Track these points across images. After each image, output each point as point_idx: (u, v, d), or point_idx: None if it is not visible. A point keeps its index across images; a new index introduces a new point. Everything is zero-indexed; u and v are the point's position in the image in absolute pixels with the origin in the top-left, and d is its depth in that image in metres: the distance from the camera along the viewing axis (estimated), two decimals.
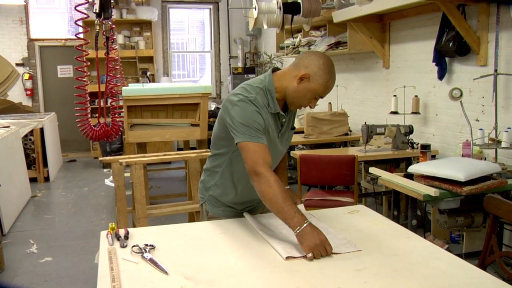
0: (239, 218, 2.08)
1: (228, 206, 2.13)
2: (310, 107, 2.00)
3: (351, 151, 4.43)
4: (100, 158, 4.49)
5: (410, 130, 4.30)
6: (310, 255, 1.63)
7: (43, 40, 8.91)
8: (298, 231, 1.68)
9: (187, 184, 4.49)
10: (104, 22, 4.39)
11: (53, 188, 6.60)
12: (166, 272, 1.54)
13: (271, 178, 1.76)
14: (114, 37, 5.47)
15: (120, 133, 5.18)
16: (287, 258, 1.64)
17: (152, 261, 1.62)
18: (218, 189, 2.11)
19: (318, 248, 1.64)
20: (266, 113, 1.92)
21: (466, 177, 2.81)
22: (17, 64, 8.64)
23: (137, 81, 8.78)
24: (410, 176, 3.17)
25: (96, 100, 5.91)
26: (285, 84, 1.96)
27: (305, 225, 1.68)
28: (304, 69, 1.91)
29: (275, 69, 2.04)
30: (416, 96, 4.59)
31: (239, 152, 1.88)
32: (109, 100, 5.03)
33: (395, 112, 4.72)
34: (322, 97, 1.98)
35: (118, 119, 5.10)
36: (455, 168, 2.89)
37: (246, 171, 1.84)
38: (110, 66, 4.93)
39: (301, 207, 2.15)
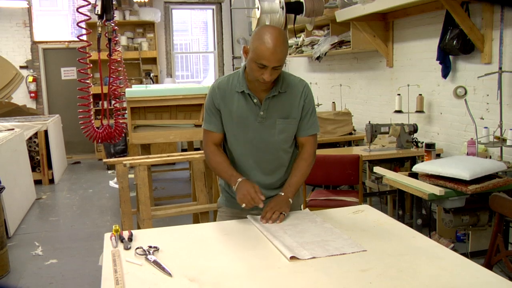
0: (243, 219, 2.08)
1: (229, 194, 2.24)
2: (265, 80, 1.94)
3: (355, 150, 4.41)
4: (104, 160, 4.50)
5: (415, 129, 4.28)
6: (243, 205, 1.99)
7: (46, 42, 8.94)
8: (234, 188, 2.04)
9: (191, 185, 4.49)
10: (106, 23, 4.40)
11: (58, 190, 6.62)
12: (170, 274, 1.54)
13: (210, 152, 2.15)
14: (117, 38, 5.48)
15: (123, 134, 5.19)
16: (291, 258, 1.63)
17: (156, 263, 1.62)
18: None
19: (246, 197, 1.97)
20: (226, 93, 2.06)
21: (471, 175, 2.79)
22: (21, 67, 8.67)
23: (141, 82, 8.79)
24: (415, 175, 3.16)
25: (100, 102, 5.92)
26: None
27: (238, 181, 2.03)
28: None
29: None
30: (420, 94, 4.57)
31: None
32: (113, 102, 5.04)
33: (399, 111, 4.70)
34: (265, 65, 1.91)
35: (121, 121, 5.11)
36: (460, 166, 2.87)
37: (238, 154, 2.13)
38: (113, 67, 4.94)
39: (306, 210, 2.17)
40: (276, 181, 2.18)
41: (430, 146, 3.66)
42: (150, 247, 1.73)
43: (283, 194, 2.08)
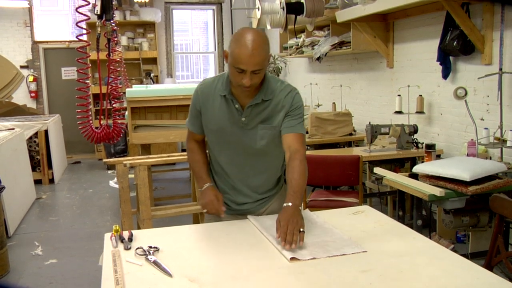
0: (244, 220, 2.07)
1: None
2: (244, 85, 1.86)
3: (356, 151, 4.41)
4: (105, 160, 4.49)
5: (415, 130, 4.28)
6: (205, 211, 2.03)
7: (47, 42, 8.94)
8: (200, 190, 2.08)
9: (191, 185, 4.49)
10: (105, 24, 4.39)
11: (58, 190, 6.62)
12: (170, 275, 1.54)
13: (189, 148, 2.18)
14: (117, 38, 5.48)
15: (122, 135, 5.18)
16: (292, 259, 1.63)
17: (156, 263, 1.61)
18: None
19: (209, 205, 2.00)
20: (209, 96, 2.03)
21: (471, 176, 2.79)
22: (22, 67, 8.67)
23: (141, 82, 8.79)
24: (415, 176, 3.16)
25: (99, 102, 5.92)
26: None
27: (205, 186, 2.06)
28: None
29: None
30: (421, 95, 4.57)
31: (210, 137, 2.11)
32: (111, 102, 5.04)
33: (399, 112, 4.70)
34: (243, 69, 1.83)
35: (119, 121, 5.10)
36: (460, 167, 2.87)
37: (220, 158, 2.11)
38: (112, 67, 4.94)
39: (306, 211, 2.16)
40: (263, 183, 2.14)
41: (430, 147, 3.65)
42: (150, 247, 1.73)
43: (290, 204, 1.83)
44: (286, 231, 1.71)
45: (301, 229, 1.73)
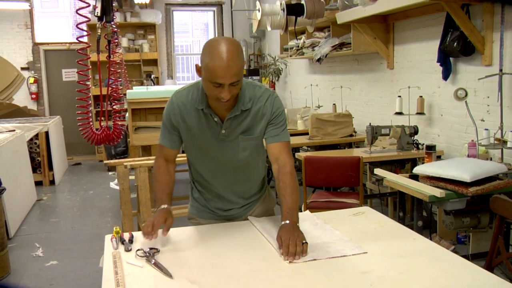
0: (244, 221, 2.07)
1: (199, 204, 2.17)
2: (223, 99, 1.76)
3: (356, 152, 4.41)
4: (105, 161, 4.49)
5: (415, 131, 4.28)
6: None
7: (48, 44, 8.95)
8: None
9: None
10: (106, 25, 4.40)
11: (59, 191, 6.62)
12: (170, 276, 1.54)
13: (157, 167, 2.05)
14: (117, 40, 5.48)
15: (122, 136, 5.19)
16: (290, 261, 1.63)
17: (156, 264, 1.62)
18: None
19: (145, 227, 1.80)
20: (184, 108, 1.92)
21: (472, 177, 2.79)
22: (22, 68, 8.68)
23: (142, 84, 8.80)
24: (415, 177, 3.15)
25: (99, 104, 5.92)
26: None
27: (159, 208, 1.90)
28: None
29: None
30: (421, 96, 4.57)
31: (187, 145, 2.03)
32: (112, 104, 5.04)
33: (399, 113, 4.70)
34: (220, 83, 1.72)
35: (120, 123, 5.10)
36: (461, 168, 2.87)
37: (201, 170, 2.05)
38: (112, 69, 4.94)
39: (306, 212, 2.15)
40: (248, 190, 2.11)
41: (430, 148, 3.65)
42: (151, 249, 1.73)
43: (288, 222, 1.78)
44: (288, 244, 1.67)
45: (304, 241, 1.69)
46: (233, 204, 2.11)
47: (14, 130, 5.95)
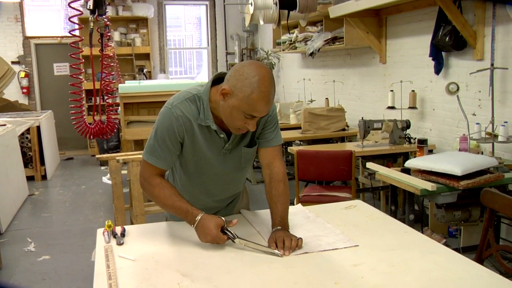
0: (237, 215, 2.07)
1: None
2: (247, 129, 1.70)
3: (349, 146, 4.42)
4: (97, 156, 4.48)
5: (407, 125, 4.30)
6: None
7: (38, 37, 8.87)
8: (193, 226, 1.73)
9: None
10: (98, 19, 4.37)
11: (51, 186, 6.59)
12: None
13: (156, 185, 1.82)
14: (109, 34, 5.46)
15: (115, 130, 5.17)
16: (283, 254, 1.64)
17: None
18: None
19: (212, 241, 1.69)
20: (189, 123, 1.76)
21: (463, 171, 2.81)
22: (13, 62, 8.60)
23: (134, 78, 8.75)
24: (407, 171, 3.17)
25: (92, 98, 5.89)
26: (217, 99, 1.71)
27: (197, 220, 1.71)
28: (226, 82, 1.66)
29: (221, 77, 1.76)
30: (413, 91, 4.59)
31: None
32: (105, 97, 5.02)
33: (392, 107, 4.72)
34: (255, 116, 1.65)
35: (113, 117, 5.09)
36: (452, 162, 2.89)
37: (190, 182, 1.93)
38: (105, 63, 4.92)
39: (299, 206, 2.15)
40: (230, 196, 2.08)
41: (422, 142, 3.67)
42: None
43: (280, 227, 1.76)
44: (283, 239, 1.66)
45: (298, 237, 1.70)
46: (220, 203, 2.08)
47: (5, 125, 5.90)
